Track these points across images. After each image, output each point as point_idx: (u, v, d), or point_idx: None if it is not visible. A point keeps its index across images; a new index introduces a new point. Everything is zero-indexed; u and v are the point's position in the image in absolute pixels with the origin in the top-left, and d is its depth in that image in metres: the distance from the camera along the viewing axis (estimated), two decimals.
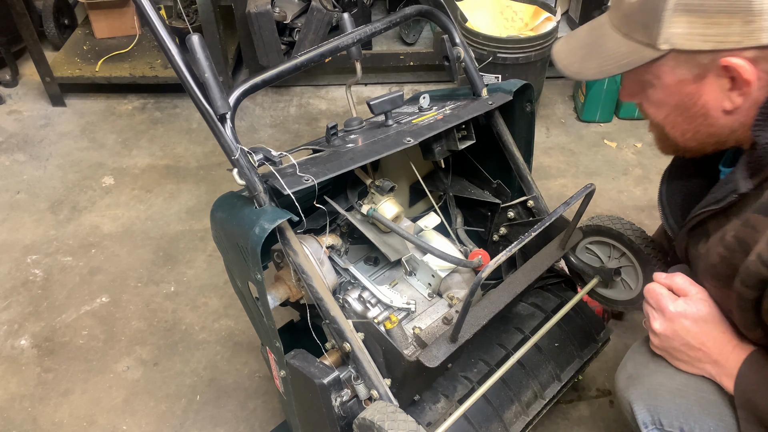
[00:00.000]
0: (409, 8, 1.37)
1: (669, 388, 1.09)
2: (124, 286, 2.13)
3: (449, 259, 1.30)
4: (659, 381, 1.10)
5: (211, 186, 2.56)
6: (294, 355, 1.17)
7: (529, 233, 1.07)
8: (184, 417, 1.74)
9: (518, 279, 1.25)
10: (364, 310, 1.30)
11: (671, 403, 1.07)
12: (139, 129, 2.90)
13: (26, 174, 2.64)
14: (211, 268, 2.18)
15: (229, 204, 1.15)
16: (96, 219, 2.41)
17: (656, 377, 1.11)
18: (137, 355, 1.91)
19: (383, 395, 1.11)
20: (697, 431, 1.04)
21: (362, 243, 1.47)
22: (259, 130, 2.89)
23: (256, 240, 1.01)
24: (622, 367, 1.19)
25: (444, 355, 1.10)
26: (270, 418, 1.73)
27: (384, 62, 2.98)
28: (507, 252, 1.03)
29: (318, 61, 1.22)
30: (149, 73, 2.97)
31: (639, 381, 1.12)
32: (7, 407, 1.78)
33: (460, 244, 1.53)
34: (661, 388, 1.09)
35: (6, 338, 1.97)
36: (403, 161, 1.48)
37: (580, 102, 2.88)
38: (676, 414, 1.06)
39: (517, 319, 1.46)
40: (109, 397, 1.80)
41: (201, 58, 1.00)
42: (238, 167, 1.06)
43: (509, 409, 1.33)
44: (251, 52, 2.83)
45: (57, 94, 3.01)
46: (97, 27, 3.21)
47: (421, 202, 1.63)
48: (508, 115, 1.45)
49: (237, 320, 2.00)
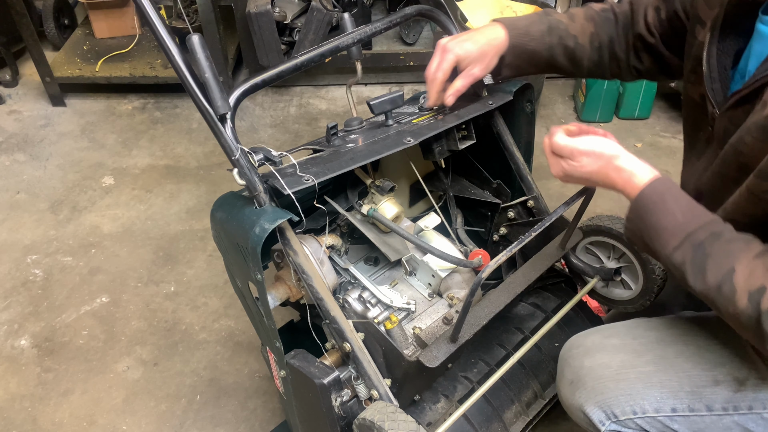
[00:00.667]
0: (409, 8, 1.37)
1: (609, 377, 1.10)
2: (124, 286, 2.13)
3: (449, 259, 1.30)
4: (598, 375, 1.11)
5: (211, 186, 2.56)
6: (294, 355, 1.17)
7: (529, 233, 1.07)
8: (184, 417, 1.74)
9: (518, 279, 1.25)
10: (364, 310, 1.30)
11: (616, 390, 1.09)
12: (139, 129, 2.90)
13: (26, 174, 2.64)
14: (211, 268, 2.18)
15: (229, 204, 1.15)
16: (96, 219, 2.41)
17: (595, 372, 1.12)
18: (137, 355, 1.91)
19: (383, 395, 1.11)
20: (646, 406, 1.06)
21: (362, 243, 1.47)
22: (259, 130, 2.89)
23: (256, 240, 1.01)
24: (561, 377, 1.19)
25: (444, 355, 1.10)
26: (270, 418, 1.73)
27: (384, 62, 2.98)
28: (507, 252, 1.03)
29: (318, 61, 1.22)
30: (149, 73, 2.97)
31: (581, 383, 1.13)
32: (7, 407, 1.78)
33: (460, 244, 1.53)
34: (602, 381, 1.10)
35: (6, 338, 1.97)
36: (403, 161, 1.48)
37: (580, 102, 2.88)
38: (624, 399, 1.08)
39: (517, 319, 1.46)
40: (109, 397, 1.80)
41: (201, 58, 1.00)
42: (239, 167, 1.06)
43: (509, 409, 1.33)
44: (251, 52, 2.83)
45: (57, 94, 3.01)
46: (97, 27, 3.22)
47: (421, 202, 1.63)
48: (508, 115, 1.45)
49: (237, 320, 2.00)
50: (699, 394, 1.05)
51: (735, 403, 1.03)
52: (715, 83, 1.03)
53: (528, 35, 1.26)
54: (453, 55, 1.20)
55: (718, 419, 1.04)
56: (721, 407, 1.04)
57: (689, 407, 1.05)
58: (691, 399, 1.05)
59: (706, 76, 1.04)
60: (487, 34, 1.24)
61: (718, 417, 1.04)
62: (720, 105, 1.02)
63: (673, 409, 1.06)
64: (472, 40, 1.22)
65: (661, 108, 2.93)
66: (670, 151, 2.71)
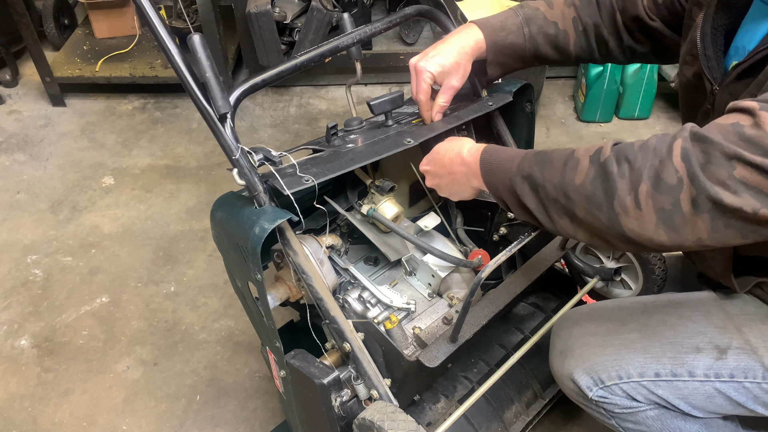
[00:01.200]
0: (409, 8, 1.37)
1: (595, 343, 1.15)
2: (124, 286, 2.13)
3: (449, 259, 1.30)
4: (585, 342, 1.16)
5: (211, 186, 2.56)
6: (294, 355, 1.17)
7: (529, 233, 1.07)
8: (184, 417, 1.74)
9: (518, 279, 1.25)
10: (364, 310, 1.30)
11: (602, 356, 1.13)
12: (139, 129, 2.90)
13: (26, 174, 2.65)
14: (211, 268, 2.18)
15: (229, 204, 1.15)
16: (96, 219, 2.41)
17: (582, 339, 1.17)
18: (137, 355, 1.91)
19: (383, 395, 1.11)
20: (631, 371, 1.11)
21: (362, 243, 1.47)
22: (259, 130, 2.89)
23: (256, 240, 1.01)
24: (552, 349, 1.24)
25: (444, 355, 1.10)
26: (270, 418, 1.73)
27: (384, 62, 2.98)
28: (507, 252, 1.03)
29: (318, 61, 1.22)
30: (149, 73, 2.97)
31: (570, 352, 1.18)
32: (7, 407, 1.78)
33: (460, 244, 1.53)
34: (589, 348, 1.15)
35: (6, 338, 1.97)
36: (403, 161, 1.48)
37: (580, 102, 2.88)
38: (610, 365, 1.12)
39: (517, 319, 1.46)
40: (109, 397, 1.80)
41: (201, 57, 1.00)
42: (238, 167, 1.06)
43: (509, 409, 1.33)
44: (251, 52, 2.83)
45: (57, 94, 3.01)
46: (97, 27, 3.22)
47: (421, 202, 1.63)
48: (508, 115, 1.45)
49: (237, 320, 2.00)
50: (681, 360, 1.08)
51: (716, 371, 1.06)
52: (710, 61, 1.04)
53: (505, 29, 1.24)
54: (427, 74, 1.21)
55: (701, 385, 1.08)
56: (703, 373, 1.07)
57: (672, 372, 1.09)
58: (674, 364, 1.09)
59: (701, 54, 1.05)
60: (456, 42, 1.23)
61: (700, 383, 1.07)
62: (718, 81, 1.03)
63: (657, 373, 1.09)
64: (441, 54, 1.21)
65: (661, 108, 2.93)
66: None
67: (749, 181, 0.76)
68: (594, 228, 0.87)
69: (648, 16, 1.21)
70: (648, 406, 1.13)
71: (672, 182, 0.79)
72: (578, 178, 0.87)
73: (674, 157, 0.80)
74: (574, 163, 0.89)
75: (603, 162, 0.85)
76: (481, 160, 1.04)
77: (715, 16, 1.04)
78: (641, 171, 0.81)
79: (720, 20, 1.04)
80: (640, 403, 1.12)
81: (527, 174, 0.94)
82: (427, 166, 1.18)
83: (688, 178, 0.78)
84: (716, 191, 0.77)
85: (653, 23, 1.22)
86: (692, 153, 0.79)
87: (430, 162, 1.17)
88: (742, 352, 1.06)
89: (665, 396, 1.10)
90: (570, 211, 0.89)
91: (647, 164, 0.81)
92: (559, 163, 0.91)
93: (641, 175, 0.81)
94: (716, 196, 0.77)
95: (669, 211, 0.80)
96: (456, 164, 1.10)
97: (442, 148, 1.14)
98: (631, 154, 0.83)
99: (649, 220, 0.82)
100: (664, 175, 0.80)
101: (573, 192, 0.88)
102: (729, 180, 0.76)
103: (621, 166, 0.83)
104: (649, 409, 1.13)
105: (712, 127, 0.80)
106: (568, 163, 0.90)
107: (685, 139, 0.80)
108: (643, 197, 0.81)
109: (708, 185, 0.77)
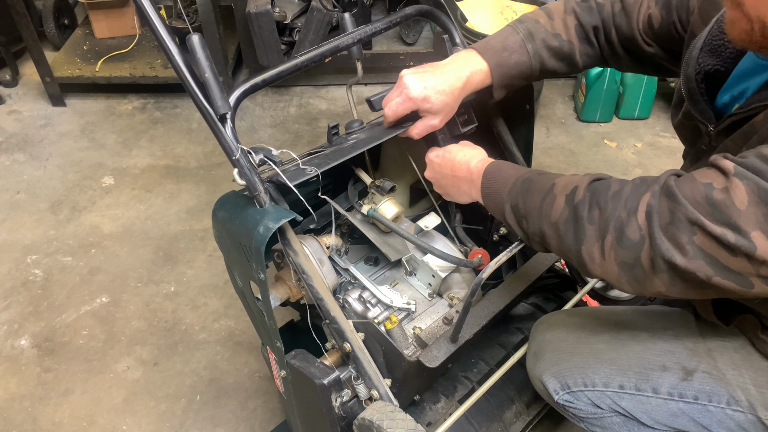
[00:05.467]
0: (409, 8, 1.37)
1: (565, 349, 1.17)
2: (124, 286, 2.13)
3: (449, 259, 1.30)
4: (556, 347, 1.18)
5: (211, 186, 2.56)
6: (294, 355, 1.17)
7: None
8: (184, 417, 1.74)
9: (518, 279, 1.25)
10: (364, 310, 1.30)
11: (570, 363, 1.14)
12: (139, 129, 2.90)
13: (26, 174, 2.64)
14: (211, 268, 2.18)
15: (231, 203, 1.15)
16: (96, 219, 2.41)
17: (553, 345, 1.18)
18: (137, 355, 1.91)
19: (383, 395, 1.11)
20: (596, 380, 1.11)
21: (362, 243, 1.47)
22: (259, 130, 2.89)
23: (260, 239, 1.01)
24: (528, 350, 1.26)
25: (444, 356, 1.10)
26: (270, 418, 1.73)
27: (384, 62, 2.98)
28: (507, 252, 1.03)
29: (318, 61, 1.22)
30: (149, 73, 2.97)
31: (542, 355, 1.19)
32: (7, 407, 1.78)
33: (460, 243, 1.53)
34: (559, 353, 1.17)
35: (6, 338, 1.97)
36: (404, 161, 1.48)
37: (580, 102, 2.88)
38: (577, 372, 1.13)
39: (517, 319, 1.46)
40: (109, 397, 1.80)
41: (201, 57, 1.00)
42: (239, 167, 1.06)
43: (509, 409, 1.33)
44: (251, 52, 2.83)
45: (57, 94, 3.01)
46: (97, 27, 3.22)
47: (421, 202, 1.63)
48: (508, 115, 1.45)
49: (237, 320, 2.00)
50: (646, 375, 1.08)
51: (681, 391, 1.06)
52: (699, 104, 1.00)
53: (507, 49, 1.19)
54: (413, 104, 1.14)
55: (664, 403, 1.07)
56: (667, 392, 1.07)
57: (636, 386, 1.09)
58: (638, 379, 1.09)
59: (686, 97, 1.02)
60: (452, 75, 1.15)
61: (664, 401, 1.07)
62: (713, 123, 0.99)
63: (621, 386, 1.10)
64: (435, 88, 1.13)
65: (661, 108, 2.93)
66: (670, 151, 2.72)
67: (706, 248, 0.78)
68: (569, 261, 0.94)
69: (644, 41, 1.16)
70: (611, 413, 1.13)
71: (634, 239, 0.82)
72: (554, 215, 0.92)
73: (639, 214, 0.82)
74: (551, 199, 0.93)
75: (576, 204, 0.89)
76: (483, 179, 1.08)
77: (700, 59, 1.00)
78: (608, 222, 0.85)
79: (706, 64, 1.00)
80: (604, 411, 1.13)
81: (514, 204, 1.00)
82: (435, 159, 1.21)
83: (649, 237, 0.81)
84: (672, 254, 0.79)
85: (649, 49, 1.16)
86: (656, 211, 0.81)
87: (438, 157, 1.21)
88: (709, 377, 1.04)
89: (628, 408, 1.10)
90: (547, 244, 0.95)
91: (615, 215, 0.84)
92: (539, 196, 0.95)
93: (608, 226, 0.85)
94: (671, 258, 0.79)
95: (630, 265, 0.84)
96: (461, 170, 1.14)
97: (455, 150, 1.18)
98: (603, 201, 0.86)
99: (612, 271, 0.86)
100: (628, 231, 0.83)
101: (548, 228, 0.93)
102: (688, 244, 0.78)
103: (591, 212, 0.87)
104: (614, 416, 1.13)
105: (686, 182, 0.81)
106: (546, 198, 0.94)
107: (653, 195, 0.82)
108: (608, 248, 0.85)
109: (664, 247, 0.80)
